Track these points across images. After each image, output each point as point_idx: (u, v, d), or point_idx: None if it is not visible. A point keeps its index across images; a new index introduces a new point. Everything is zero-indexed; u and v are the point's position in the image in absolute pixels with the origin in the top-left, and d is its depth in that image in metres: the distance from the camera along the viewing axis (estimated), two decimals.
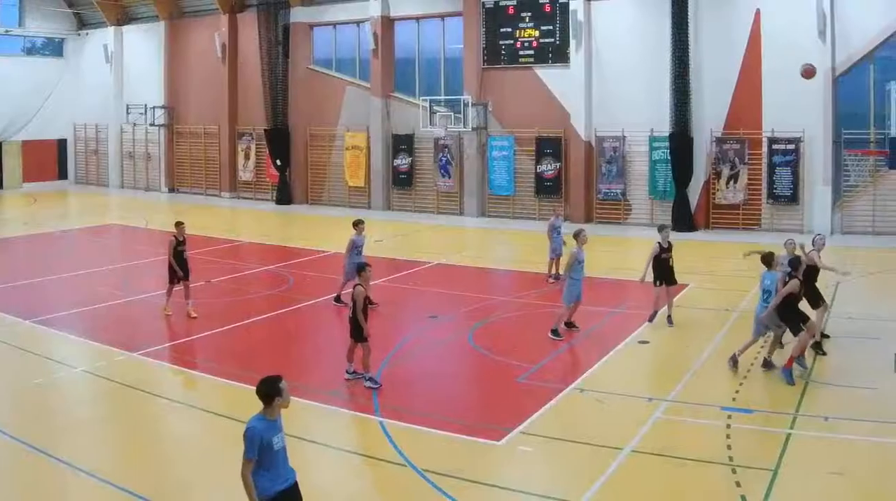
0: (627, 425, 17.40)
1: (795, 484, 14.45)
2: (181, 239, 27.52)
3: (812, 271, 22.35)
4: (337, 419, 18.04)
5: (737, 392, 19.35)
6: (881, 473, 15.09)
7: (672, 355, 23.03)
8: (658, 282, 25.86)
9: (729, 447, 16.02)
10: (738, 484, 14.40)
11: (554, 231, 32.79)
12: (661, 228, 26.68)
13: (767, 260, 21.30)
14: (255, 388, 11.49)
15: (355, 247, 28.63)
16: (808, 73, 34.54)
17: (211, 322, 26.49)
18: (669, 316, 25.62)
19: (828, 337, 23.16)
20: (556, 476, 15.61)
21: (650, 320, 25.65)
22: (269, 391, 11.45)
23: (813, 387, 19.65)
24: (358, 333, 19.77)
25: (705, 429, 17.26)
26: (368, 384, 19.69)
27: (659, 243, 25.92)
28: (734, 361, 20.98)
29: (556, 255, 32.68)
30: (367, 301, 22.52)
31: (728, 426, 17.13)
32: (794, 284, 20.27)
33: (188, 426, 18.45)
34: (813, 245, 22.90)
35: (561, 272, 30.01)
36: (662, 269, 25.82)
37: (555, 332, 24.26)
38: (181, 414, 19.14)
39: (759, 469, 14.90)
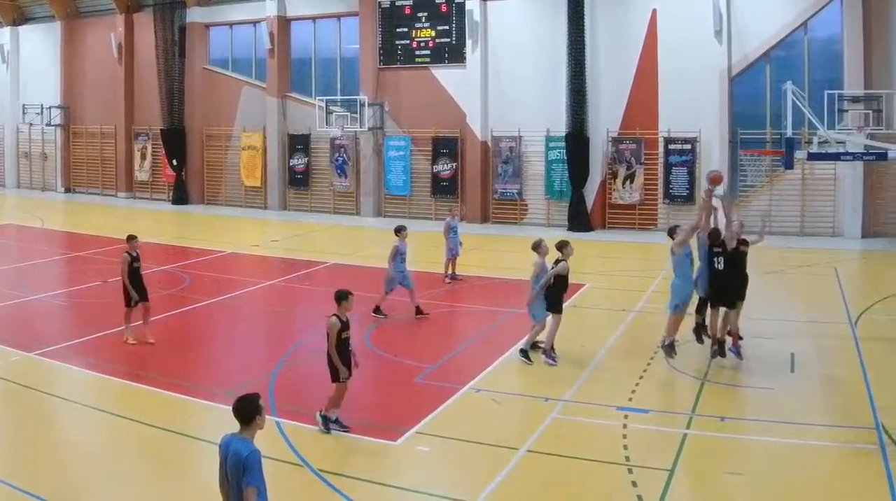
0: (524, 425, 16.85)
1: (692, 484, 14.14)
2: (135, 254, 23.16)
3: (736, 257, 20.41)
4: (233, 419, 15.61)
5: (633, 392, 18.44)
6: (777, 473, 14.32)
7: (568, 355, 21.28)
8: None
9: (625, 447, 15.31)
10: (634, 484, 13.77)
11: (450, 231, 30.72)
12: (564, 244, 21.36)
13: (671, 232, 20.84)
14: (232, 407, 9.85)
15: (399, 254, 26.03)
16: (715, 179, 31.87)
17: (107, 322, 24.33)
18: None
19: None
20: (453, 476, 14.85)
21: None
22: (252, 409, 9.76)
23: (710, 387, 18.78)
24: (333, 373, 16.24)
25: (602, 429, 16.42)
26: (332, 427, 16.18)
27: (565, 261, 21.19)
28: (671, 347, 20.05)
29: (452, 255, 30.71)
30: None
31: (624, 426, 16.34)
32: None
33: (85, 426, 17.25)
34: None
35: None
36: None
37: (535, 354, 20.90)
38: (78, 414, 17.84)
39: (656, 470, 14.26)
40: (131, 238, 23.44)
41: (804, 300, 28.11)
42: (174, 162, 57.17)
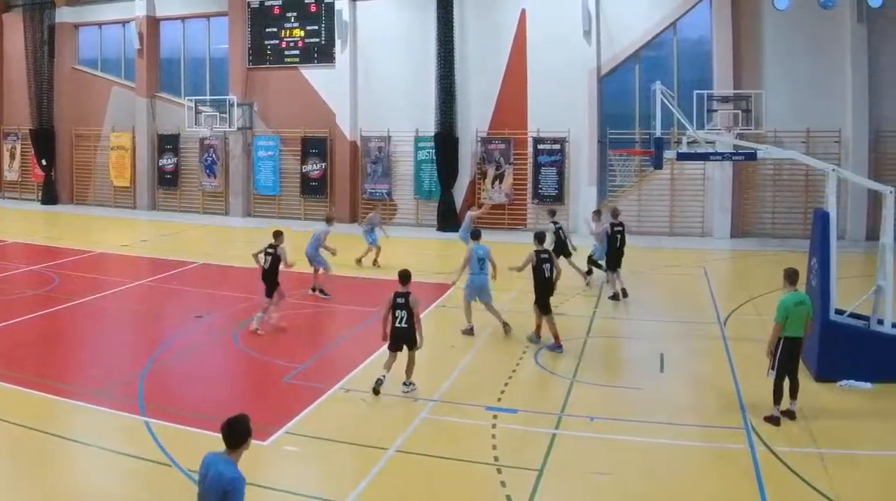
0: (393, 425, 15.89)
1: (561, 484, 13.34)
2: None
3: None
4: (102, 419, 16.01)
5: (502, 392, 17.50)
6: (646, 473, 13.70)
7: (438, 355, 20.26)
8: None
9: (494, 447, 14.59)
10: (503, 484, 13.12)
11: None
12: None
13: (476, 235, 22.16)
14: (222, 429, 8.83)
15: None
16: None
17: None
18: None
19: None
20: (322, 476, 14.06)
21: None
22: (242, 432, 8.83)
23: (579, 388, 17.88)
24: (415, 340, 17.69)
25: (471, 429, 15.57)
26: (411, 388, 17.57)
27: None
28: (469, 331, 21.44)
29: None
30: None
31: (494, 426, 15.55)
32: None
33: None
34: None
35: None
36: None
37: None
38: None
39: (525, 470, 13.61)
40: (279, 233, 22.89)
41: (673, 300, 26.83)
42: (43, 162, 52.07)
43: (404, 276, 17.61)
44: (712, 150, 24.37)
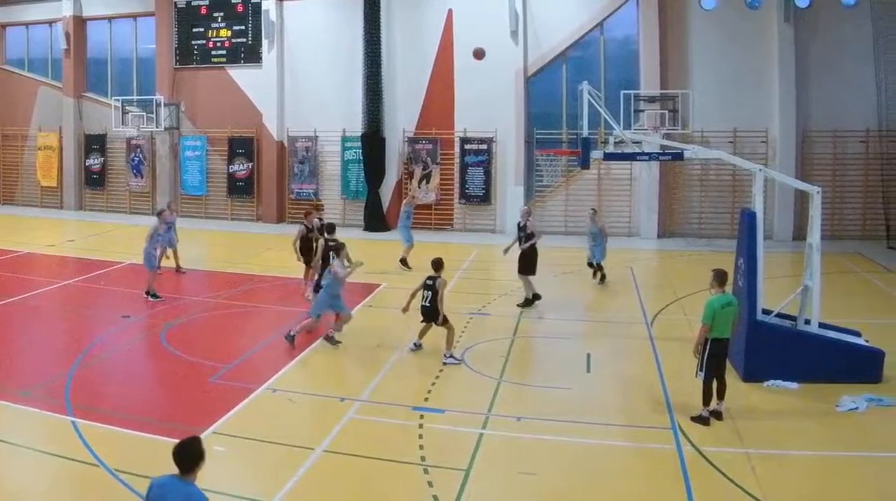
0: (320, 425, 15.36)
1: (488, 484, 12.84)
2: (311, 226, 25.80)
3: None
4: (29, 419, 15.43)
5: (429, 392, 17.00)
6: (573, 473, 13.31)
7: (364, 355, 19.96)
8: None
9: (421, 447, 14.07)
10: (430, 484, 12.62)
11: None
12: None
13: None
14: (176, 452, 8.45)
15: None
16: (478, 54, 30.72)
17: None
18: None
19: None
20: (249, 476, 13.42)
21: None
22: (196, 455, 8.58)
23: (506, 388, 17.30)
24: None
25: (398, 429, 15.14)
26: (451, 361, 18.80)
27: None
28: (292, 339, 20.08)
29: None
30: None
31: (420, 426, 15.05)
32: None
33: None
34: None
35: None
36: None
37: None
38: None
39: (452, 469, 13.12)
40: (309, 213, 26.40)
41: (600, 300, 26.06)
42: None
43: (436, 264, 19.14)
44: (639, 150, 23.59)
